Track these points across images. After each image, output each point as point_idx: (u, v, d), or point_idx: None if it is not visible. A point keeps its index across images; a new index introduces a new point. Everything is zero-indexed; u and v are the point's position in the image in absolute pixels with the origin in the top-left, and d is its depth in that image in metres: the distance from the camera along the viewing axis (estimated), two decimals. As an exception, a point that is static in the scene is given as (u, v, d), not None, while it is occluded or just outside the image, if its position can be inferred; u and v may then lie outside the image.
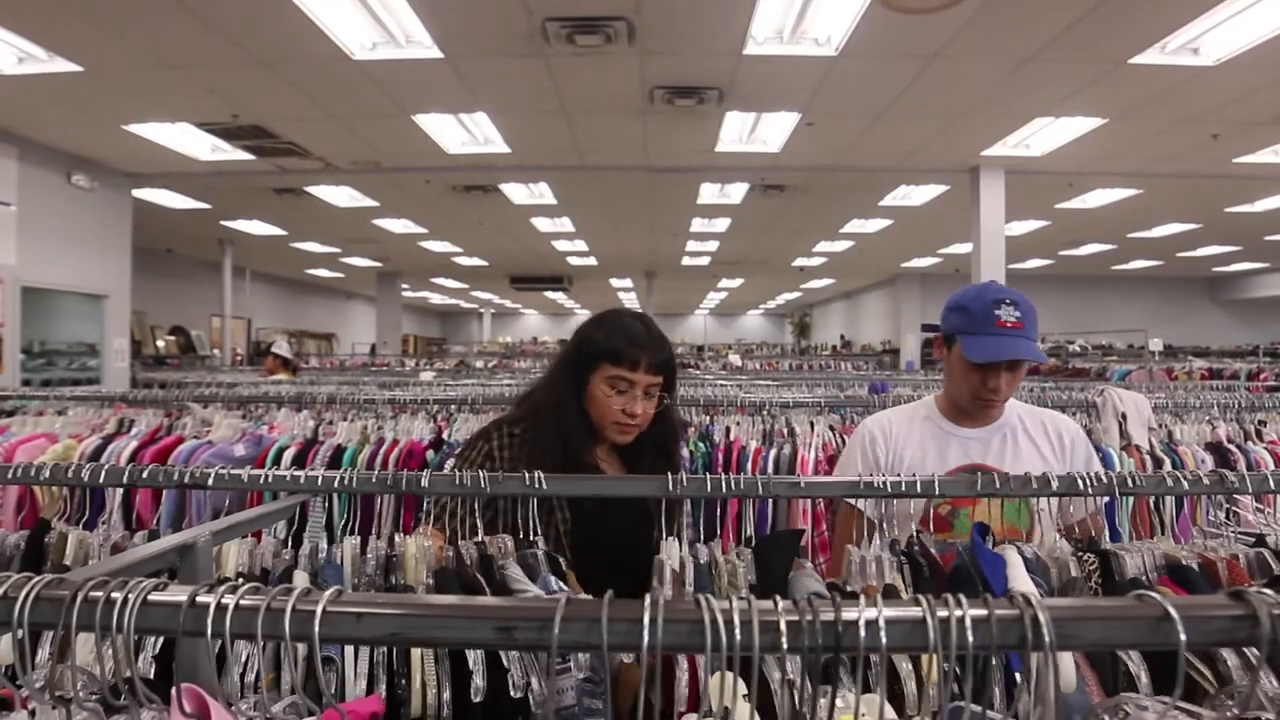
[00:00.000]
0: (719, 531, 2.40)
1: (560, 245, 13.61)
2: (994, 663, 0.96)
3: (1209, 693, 0.84)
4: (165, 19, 4.63)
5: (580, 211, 10.90)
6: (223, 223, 11.08)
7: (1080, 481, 1.10)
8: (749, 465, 2.78)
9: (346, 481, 1.14)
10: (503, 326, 29.56)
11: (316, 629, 0.52)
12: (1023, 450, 1.83)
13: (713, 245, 13.67)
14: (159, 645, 0.99)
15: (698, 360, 14.01)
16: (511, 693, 0.82)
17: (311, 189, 9.16)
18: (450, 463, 2.90)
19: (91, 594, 0.55)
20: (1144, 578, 1.07)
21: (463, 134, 7.10)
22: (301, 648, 0.98)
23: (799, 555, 0.99)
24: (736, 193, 9.56)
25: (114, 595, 0.56)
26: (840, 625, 0.48)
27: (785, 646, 0.48)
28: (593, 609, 0.50)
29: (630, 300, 22.43)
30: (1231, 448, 2.98)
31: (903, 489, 1.10)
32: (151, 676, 0.99)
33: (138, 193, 8.70)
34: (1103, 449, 2.91)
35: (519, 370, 10.38)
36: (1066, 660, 0.88)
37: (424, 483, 1.11)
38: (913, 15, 4.47)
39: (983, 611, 0.48)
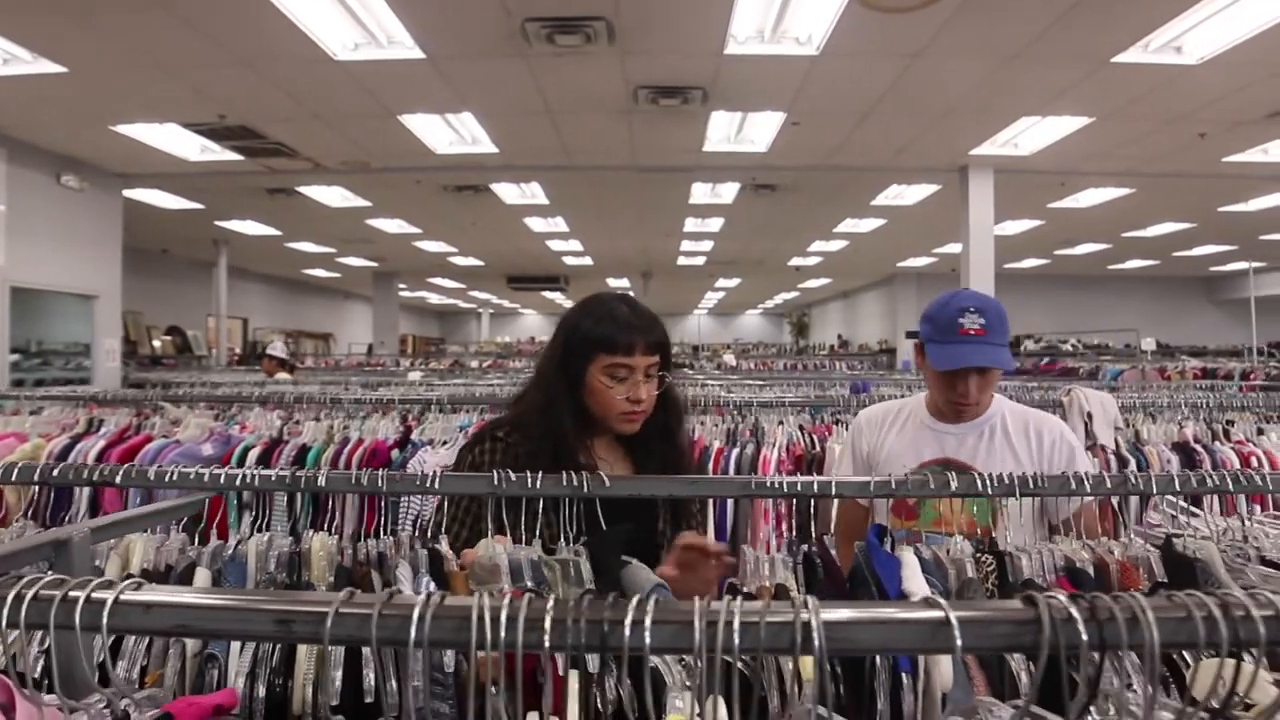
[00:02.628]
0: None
1: (555, 245, 13.62)
2: (879, 665, 0.96)
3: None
4: (146, 19, 4.64)
5: (573, 211, 10.91)
6: (216, 223, 11.10)
7: (979, 481, 1.10)
8: (710, 465, 2.78)
9: (248, 479, 1.14)
10: (502, 326, 29.58)
11: (105, 619, 0.53)
12: (997, 449, 1.87)
13: (707, 245, 13.66)
14: (46, 640, 0.99)
15: (692, 360, 14.00)
16: (365, 696, 0.82)
17: (303, 189, 9.18)
18: (412, 463, 2.92)
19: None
20: (1041, 579, 1.07)
21: (450, 134, 7.11)
22: (191, 644, 0.99)
23: (629, 552, 0.99)
24: (728, 192, 9.56)
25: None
26: (606, 625, 0.48)
27: (549, 644, 0.48)
28: (367, 605, 0.50)
29: (628, 300, 22.38)
30: (1198, 448, 2.98)
31: (799, 489, 1.11)
32: (37, 673, 0.99)
33: (130, 193, 8.72)
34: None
35: (512, 370, 10.39)
36: (944, 663, 0.88)
37: (320, 481, 1.11)
38: (891, 14, 4.46)
39: (754, 615, 0.48)
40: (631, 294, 1.75)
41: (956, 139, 7.07)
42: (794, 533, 2.73)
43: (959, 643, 0.48)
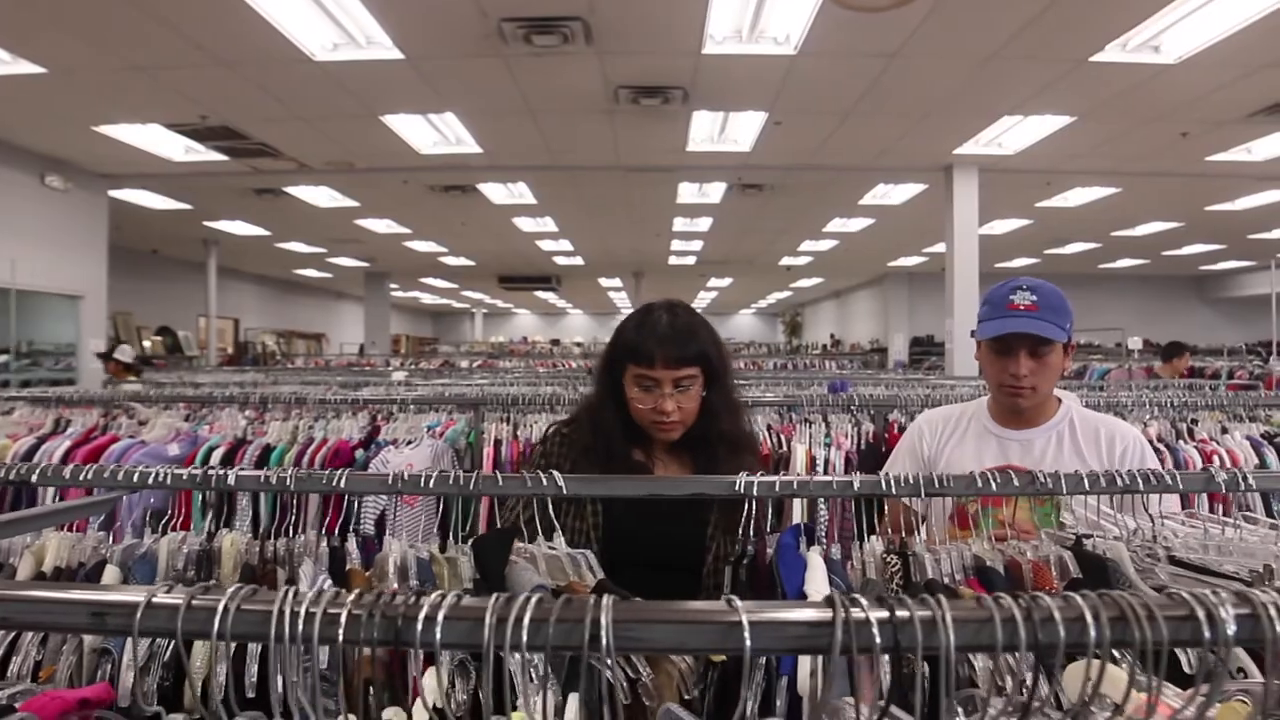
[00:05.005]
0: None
1: (545, 245, 13.62)
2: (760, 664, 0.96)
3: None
4: (123, 19, 4.63)
5: (561, 211, 10.92)
6: (205, 223, 11.09)
7: (885, 483, 1.10)
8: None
9: (160, 478, 1.15)
10: (495, 326, 29.59)
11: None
12: (1065, 456, 1.75)
13: (697, 245, 13.68)
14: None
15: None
16: (247, 692, 0.82)
17: (290, 189, 9.17)
18: (374, 463, 2.92)
19: None
20: (948, 579, 1.08)
21: (433, 134, 7.11)
22: (90, 640, 0.99)
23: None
24: (715, 192, 9.57)
25: None
26: (400, 621, 0.49)
27: (342, 638, 0.49)
28: (178, 598, 0.51)
29: (621, 300, 22.42)
30: (1160, 446, 2.99)
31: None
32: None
33: (117, 194, 8.71)
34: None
35: (501, 370, 10.38)
36: (803, 666, 0.88)
37: (230, 480, 1.12)
38: (865, 14, 4.46)
39: (544, 613, 0.49)
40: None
41: (939, 138, 7.08)
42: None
43: (748, 644, 0.49)
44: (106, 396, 3.49)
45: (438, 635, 0.49)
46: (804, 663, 0.81)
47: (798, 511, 2.73)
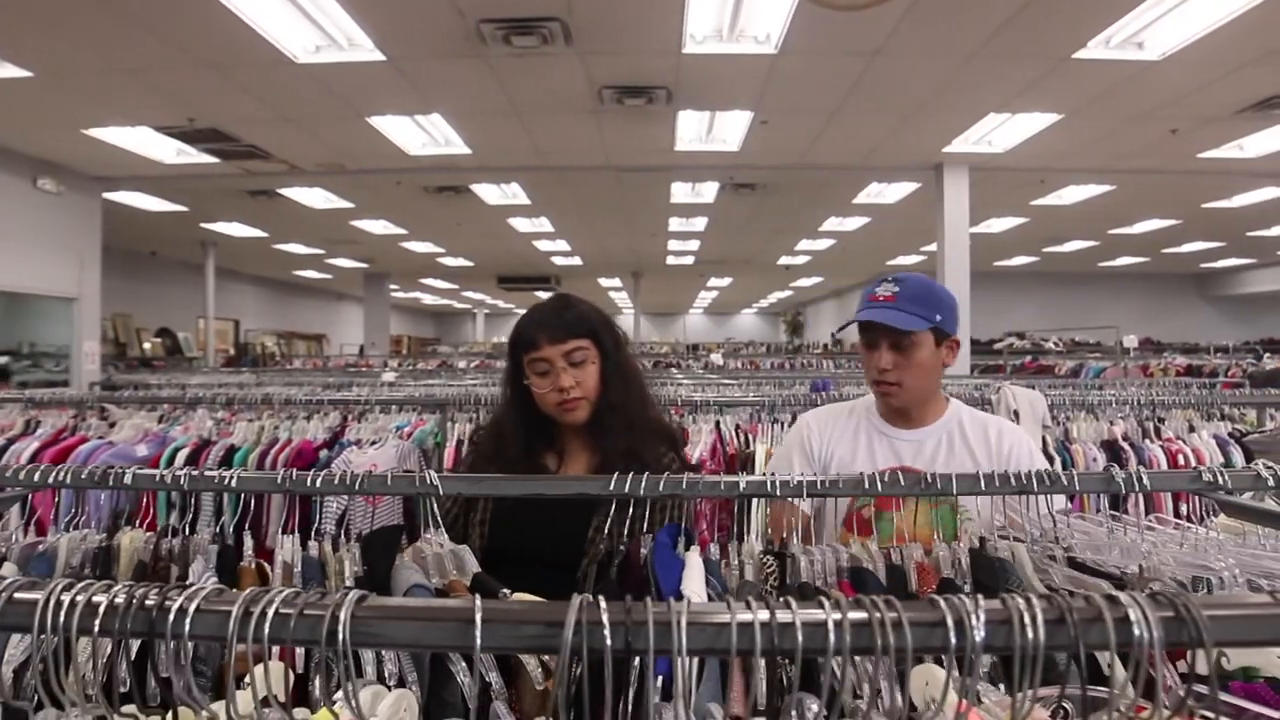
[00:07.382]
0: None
1: (542, 245, 13.64)
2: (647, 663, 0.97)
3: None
4: (103, 22, 4.66)
5: (556, 212, 10.93)
6: (202, 225, 11.14)
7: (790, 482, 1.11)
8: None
9: (59, 477, 1.16)
10: (497, 326, 29.60)
11: None
12: (956, 455, 1.75)
13: (694, 245, 13.67)
14: None
15: (679, 360, 13.99)
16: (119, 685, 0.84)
17: (284, 191, 9.21)
18: (336, 463, 2.94)
19: None
20: (822, 580, 1.08)
21: (422, 135, 7.12)
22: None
23: (399, 550, 1.03)
24: (709, 191, 9.57)
25: None
26: (155, 612, 0.50)
27: (98, 629, 0.50)
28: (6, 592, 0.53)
29: (622, 300, 22.43)
30: (1125, 445, 2.98)
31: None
32: None
33: (112, 196, 8.76)
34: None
35: (498, 370, 10.40)
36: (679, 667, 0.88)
37: (127, 479, 1.13)
38: (841, 12, 4.46)
39: (290, 608, 0.50)
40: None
41: (927, 137, 7.06)
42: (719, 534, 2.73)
43: (479, 643, 0.50)
44: (78, 398, 3.51)
45: (187, 626, 0.50)
46: (680, 664, 0.81)
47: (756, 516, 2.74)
